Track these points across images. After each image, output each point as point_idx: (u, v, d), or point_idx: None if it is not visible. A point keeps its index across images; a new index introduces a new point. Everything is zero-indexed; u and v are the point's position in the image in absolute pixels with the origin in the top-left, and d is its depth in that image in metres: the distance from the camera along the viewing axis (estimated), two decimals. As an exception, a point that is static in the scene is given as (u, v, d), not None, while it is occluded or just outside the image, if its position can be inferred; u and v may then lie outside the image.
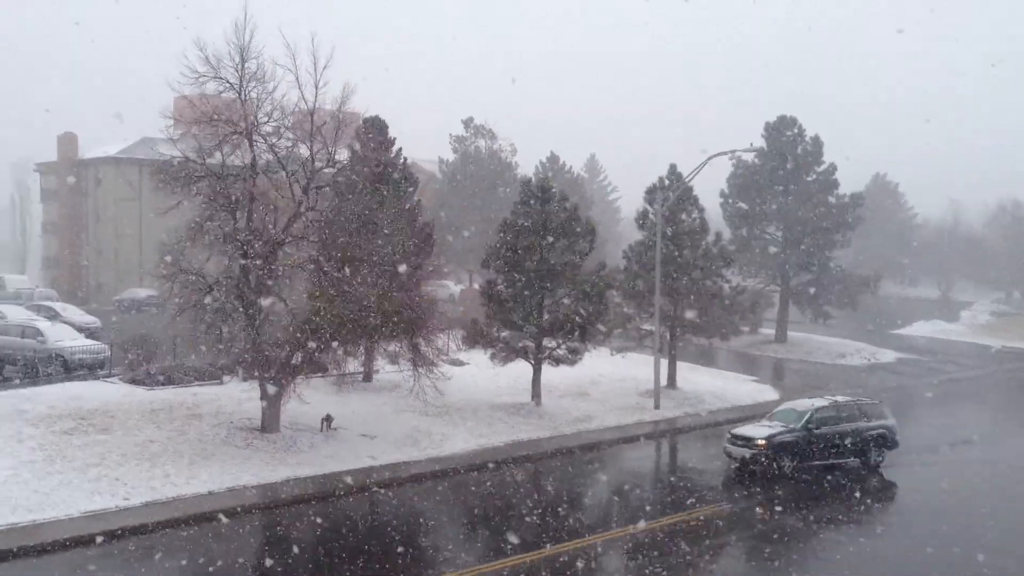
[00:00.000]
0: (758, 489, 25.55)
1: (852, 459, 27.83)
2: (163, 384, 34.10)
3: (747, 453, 26.78)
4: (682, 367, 40.99)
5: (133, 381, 34.52)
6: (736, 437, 27.40)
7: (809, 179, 57.74)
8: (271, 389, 27.61)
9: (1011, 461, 30.01)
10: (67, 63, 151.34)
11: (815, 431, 27.09)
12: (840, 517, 23.82)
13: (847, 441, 27.51)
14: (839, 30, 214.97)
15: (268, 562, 19.31)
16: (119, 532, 20.15)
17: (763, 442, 26.48)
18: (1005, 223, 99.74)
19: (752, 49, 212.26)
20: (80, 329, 43.40)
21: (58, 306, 52.65)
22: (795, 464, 26.74)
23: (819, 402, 28.58)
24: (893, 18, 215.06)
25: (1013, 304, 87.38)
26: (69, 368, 36.47)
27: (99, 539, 19.73)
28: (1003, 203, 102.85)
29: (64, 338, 38.63)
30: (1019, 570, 19.83)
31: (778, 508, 23.89)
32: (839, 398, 29.76)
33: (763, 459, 26.46)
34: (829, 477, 26.91)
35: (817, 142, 57.79)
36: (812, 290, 56.96)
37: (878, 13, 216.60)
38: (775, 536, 21.68)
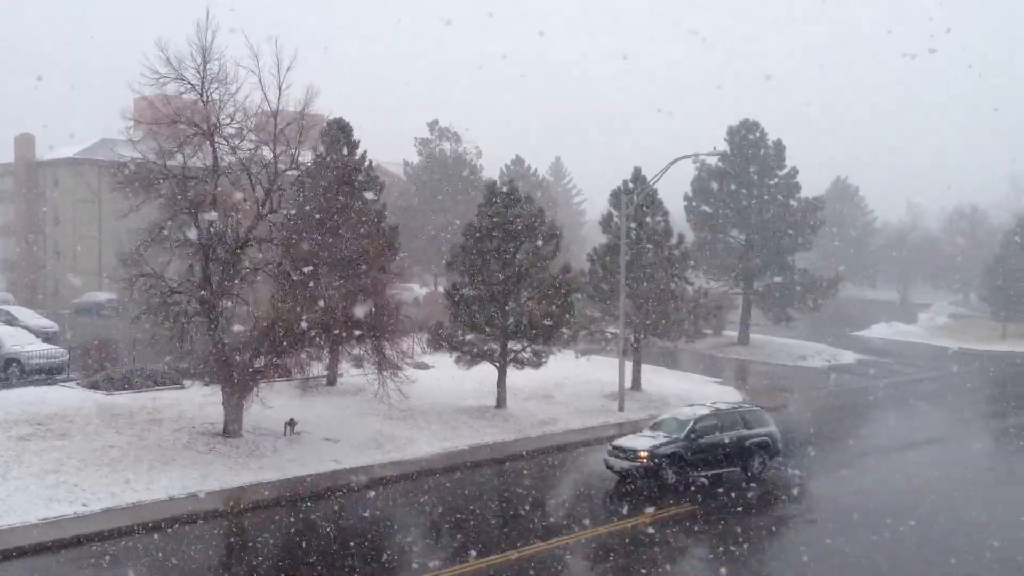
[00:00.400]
0: (721, 491, 25.70)
1: (734, 468, 26.59)
2: (122, 389, 33.65)
3: (628, 465, 25.51)
4: (646, 369, 41.20)
5: (92, 386, 34.05)
6: (617, 449, 26.00)
7: (771, 183, 58.31)
8: (233, 393, 27.36)
9: (968, 462, 30.47)
10: (32, 63, 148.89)
11: (697, 441, 25.93)
12: (795, 515, 24.15)
13: (729, 450, 26.40)
14: (803, 36, 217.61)
15: (231, 568, 19.12)
16: (78, 539, 19.83)
17: (645, 454, 25.16)
18: (962, 227, 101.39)
19: (726, 53, 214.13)
20: (37, 333, 42.70)
21: (15, 310, 51.77)
22: (678, 475, 25.51)
23: (700, 410, 27.36)
24: (856, 24, 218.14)
25: (970, 306, 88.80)
26: (26, 373, 35.89)
27: (58, 546, 19.41)
28: (960, 207, 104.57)
29: (21, 342, 38.02)
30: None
31: (739, 509, 24.11)
32: (721, 405, 28.56)
33: (646, 471, 25.22)
34: (797, 477, 27.16)
35: (779, 146, 58.37)
36: (775, 293, 57.49)
37: (842, 20, 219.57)
38: (737, 535, 21.83)
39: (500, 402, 34.48)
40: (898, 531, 22.02)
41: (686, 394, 39.59)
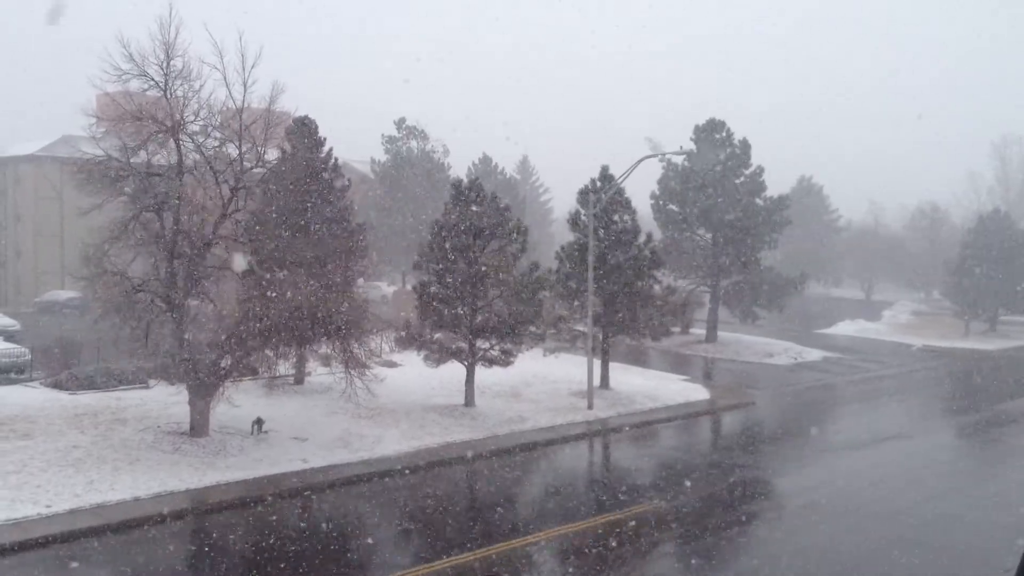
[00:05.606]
0: (690, 486, 25.88)
1: None
2: (86, 388, 33.24)
3: None
4: (615, 367, 41.33)
5: (55, 385, 33.60)
6: None
7: (737, 181, 58.61)
8: (200, 392, 27.11)
9: (932, 455, 30.94)
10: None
11: None
12: (757, 510, 24.40)
13: None
14: (768, 35, 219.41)
15: (198, 570, 18.94)
16: (41, 540, 19.56)
17: None
18: (923, 225, 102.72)
19: (688, 55, 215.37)
20: (-1, 332, 42.12)
21: (-25, 309, 51.00)
22: None
23: None
24: (818, 26, 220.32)
25: (932, 304, 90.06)
26: (-13, 373, 35.34)
27: (23, 547, 19.15)
28: (921, 206, 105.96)
29: (-18, 342, 37.45)
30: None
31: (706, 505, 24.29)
32: None
33: None
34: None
35: (745, 145, 58.71)
36: (741, 291, 57.88)
37: (808, 20, 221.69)
38: (704, 530, 22.00)
39: (469, 400, 34.46)
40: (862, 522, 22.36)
41: (653, 392, 39.83)
